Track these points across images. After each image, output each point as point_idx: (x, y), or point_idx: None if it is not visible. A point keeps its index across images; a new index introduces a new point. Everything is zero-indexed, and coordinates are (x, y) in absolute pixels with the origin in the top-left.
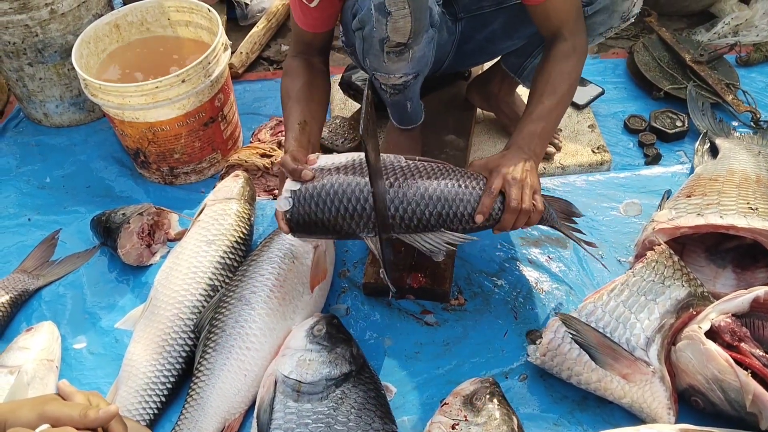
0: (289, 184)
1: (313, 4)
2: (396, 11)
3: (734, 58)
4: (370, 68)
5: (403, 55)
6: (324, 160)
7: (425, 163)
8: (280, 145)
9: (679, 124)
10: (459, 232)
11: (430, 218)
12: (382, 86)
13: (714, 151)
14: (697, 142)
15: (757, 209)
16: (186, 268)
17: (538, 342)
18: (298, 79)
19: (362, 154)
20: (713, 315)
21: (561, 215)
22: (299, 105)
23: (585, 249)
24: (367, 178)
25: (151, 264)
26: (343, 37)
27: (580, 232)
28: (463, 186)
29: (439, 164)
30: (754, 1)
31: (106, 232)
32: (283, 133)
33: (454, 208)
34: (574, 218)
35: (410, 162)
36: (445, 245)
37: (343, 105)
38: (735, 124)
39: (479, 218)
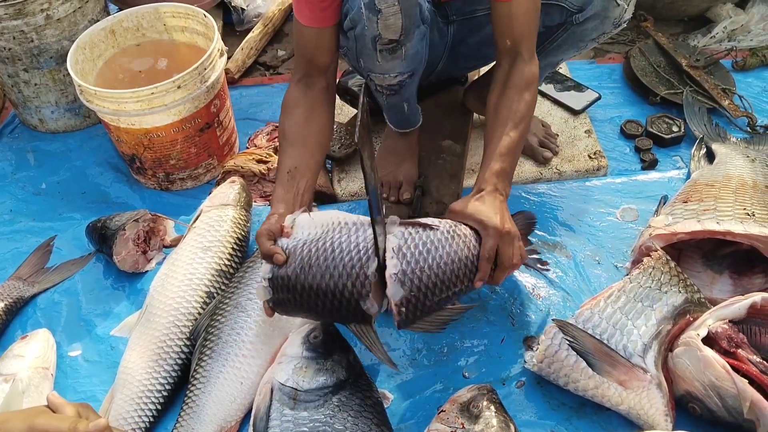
0: (264, 270)
1: None
2: (386, 8)
3: (730, 63)
4: (365, 69)
5: (396, 53)
6: (301, 231)
7: (406, 233)
8: (276, 150)
9: (675, 129)
10: (454, 302)
11: (432, 306)
12: (378, 88)
13: (710, 157)
14: (694, 148)
15: (753, 215)
16: (182, 274)
17: (535, 348)
18: (295, 115)
19: (340, 216)
20: (710, 321)
21: (523, 230)
22: (292, 148)
23: (540, 271)
24: (338, 267)
25: (147, 271)
26: None
27: (536, 252)
28: (457, 260)
29: (423, 230)
30: (750, 6)
31: (102, 238)
32: None
33: (452, 287)
34: (533, 228)
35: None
36: (446, 320)
37: (339, 110)
38: (731, 129)
39: (479, 285)
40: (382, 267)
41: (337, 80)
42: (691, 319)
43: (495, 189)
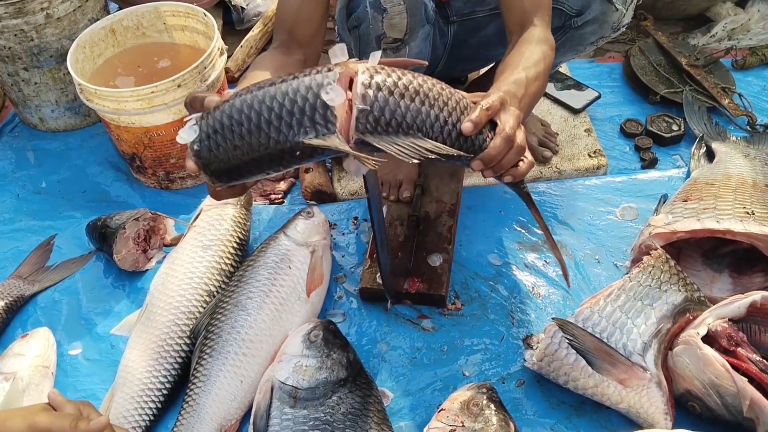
0: (192, 116)
1: None
2: (391, 8)
3: (730, 62)
4: None
5: (399, 52)
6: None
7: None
8: None
9: (675, 128)
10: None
11: (405, 114)
12: None
13: (710, 155)
14: (694, 146)
15: (753, 213)
16: (182, 273)
17: (535, 347)
18: (263, 66)
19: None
20: (710, 320)
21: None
22: (249, 81)
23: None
24: (302, 78)
25: (147, 269)
26: (338, 37)
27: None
28: (447, 91)
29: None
30: (750, 5)
31: (102, 237)
32: None
33: (434, 108)
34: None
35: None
36: (421, 150)
37: None
38: (731, 128)
39: (468, 126)
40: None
41: None
42: (691, 317)
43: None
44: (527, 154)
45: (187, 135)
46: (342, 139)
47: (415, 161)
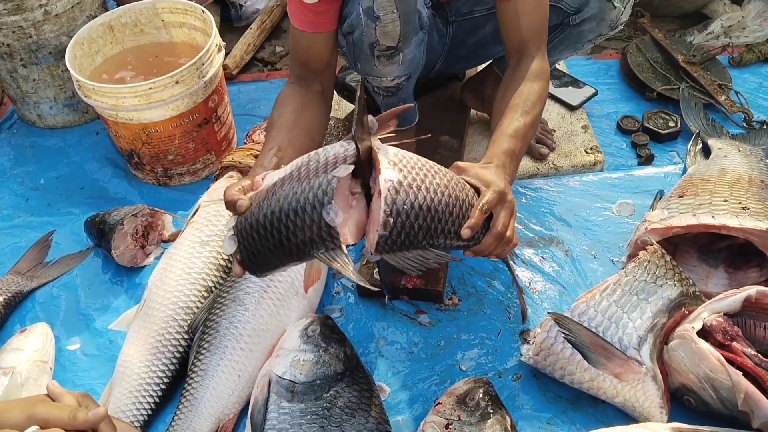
0: (229, 222)
1: (311, 0)
2: (384, 15)
3: (727, 59)
4: (362, 72)
5: (393, 59)
6: (270, 178)
7: (400, 153)
8: None
9: (671, 124)
10: (439, 249)
11: (419, 236)
12: (375, 89)
13: (706, 152)
14: (690, 143)
15: (748, 209)
16: (180, 269)
17: (531, 342)
18: (286, 108)
19: (303, 157)
20: (705, 314)
21: None
22: (279, 133)
23: (518, 287)
24: (302, 185)
25: (145, 265)
26: None
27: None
28: (454, 197)
29: (417, 157)
30: (746, 3)
31: (100, 233)
32: None
33: (444, 222)
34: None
35: None
36: (426, 262)
37: (337, 106)
38: (727, 124)
39: (466, 233)
40: (367, 186)
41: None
42: (687, 312)
43: (503, 166)
44: (514, 239)
45: (230, 247)
46: (347, 254)
47: (417, 274)
